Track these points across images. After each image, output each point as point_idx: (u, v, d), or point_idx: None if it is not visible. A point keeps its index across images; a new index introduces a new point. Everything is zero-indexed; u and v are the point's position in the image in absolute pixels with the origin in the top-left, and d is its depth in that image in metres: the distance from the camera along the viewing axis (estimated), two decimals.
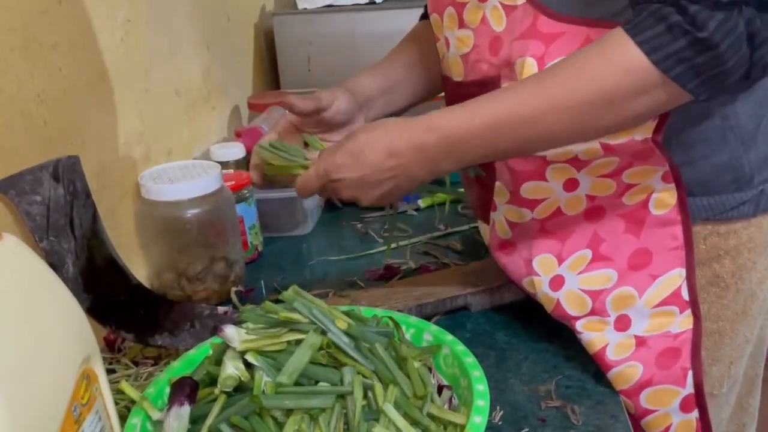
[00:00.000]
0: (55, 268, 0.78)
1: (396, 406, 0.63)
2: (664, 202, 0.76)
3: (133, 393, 0.65)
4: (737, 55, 0.60)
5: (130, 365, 0.87)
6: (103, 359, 0.62)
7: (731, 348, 0.84)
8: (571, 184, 0.77)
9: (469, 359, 0.69)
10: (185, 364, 0.71)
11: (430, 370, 0.71)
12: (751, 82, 0.65)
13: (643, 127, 0.72)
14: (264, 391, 0.62)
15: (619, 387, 0.79)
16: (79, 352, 0.57)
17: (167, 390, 0.66)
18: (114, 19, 1.04)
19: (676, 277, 0.77)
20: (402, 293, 0.96)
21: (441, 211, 1.28)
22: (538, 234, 0.81)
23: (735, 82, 0.63)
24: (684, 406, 0.79)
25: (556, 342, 0.87)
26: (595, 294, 0.79)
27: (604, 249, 0.79)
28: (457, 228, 1.22)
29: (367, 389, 0.64)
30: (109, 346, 0.91)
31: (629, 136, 0.72)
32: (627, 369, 0.78)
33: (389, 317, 0.75)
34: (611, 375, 0.80)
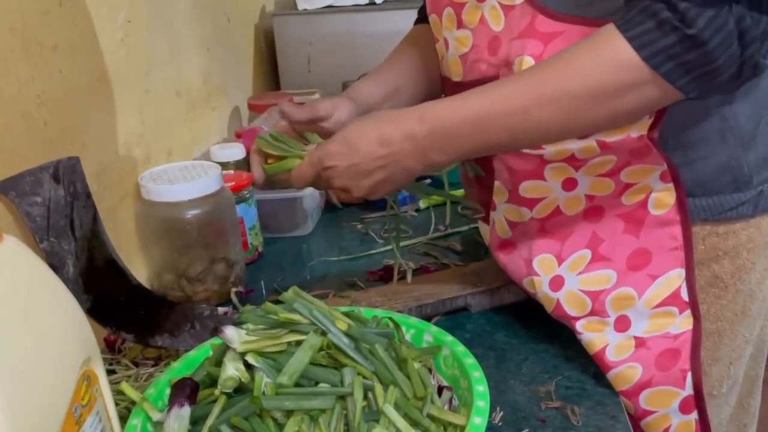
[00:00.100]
0: (55, 269, 0.78)
1: (396, 407, 0.63)
2: (662, 202, 0.76)
3: (133, 394, 0.66)
4: (727, 53, 0.60)
5: (130, 366, 0.87)
6: (103, 360, 0.62)
7: (730, 348, 0.84)
8: (569, 184, 0.77)
9: (469, 360, 0.69)
10: (185, 365, 0.71)
11: (430, 370, 0.71)
12: (742, 81, 0.65)
13: (639, 123, 0.71)
14: (264, 392, 0.62)
15: (618, 388, 0.79)
16: (80, 353, 0.57)
17: (167, 391, 0.66)
18: (114, 20, 1.04)
19: (675, 278, 0.77)
20: (402, 294, 0.96)
21: (441, 211, 1.28)
22: (538, 234, 0.82)
23: (726, 80, 0.63)
24: (683, 408, 0.79)
25: (556, 343, 0.87)
26: (594, 294, 0.79)
27: (603, 249, 0.79)
28: (457, 228, 1.22)
29: (367, 390, 0.64)
30: (110, 347, 0.91)
31: (625, 133, 0.72)
32: (627, 370, 0.79)
33: (389, 318, 0.75)
34: (611, 376, 0.80)
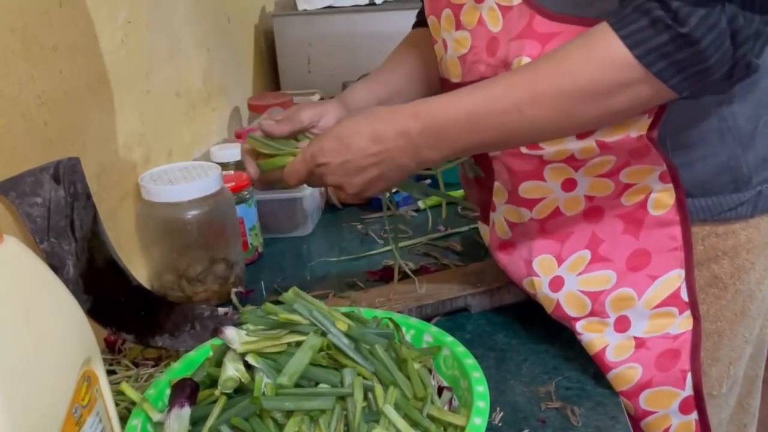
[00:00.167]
0: (55, 270, 0.78)
1: (396, 407, 0.63)
2: (662, 203, 0.76)
3: (133, 394, 0.66)
4: (719, 52, 0.60)
5: (130, 366, 0.87)
6: (103, 360, 0.62)
7: (730, 348, 0.84)
8: (569, 184, 0.77)
9: (469, 360, 0.69)
10: (185, 366, 0.71)
11: (430, 371, 0.71)
12: (735, 81, 0.65)
13: (639, 123, 0.71)
14: (264, 393, 0.62)
15: (618, 388, 0.79)
16: (80, 353, 0.57)
17: (168, 391, 0.66)
18: (114, 20, 1.04)
19: (675, 278, 0.77)
20: (402, 294, 0.96)
21: (441, 212, 1.28)
22: (538, 234, 0.82)
23: (718, 80, 0.63)
24: (683, 408, 0.79)
25: (556, 343, 0.87)
26: (594, 295, 0.79)
27: (603, 250, 0.79)
28: (457, 229, 1.22)
29: (367, 391, 0.64)
30: (110, 348, 0.91)
31: (624, 133, 0.72)
32: (627, 370, 0.79)
33: (389, 318, 0.75)
34: (611, 376, 0.80)
